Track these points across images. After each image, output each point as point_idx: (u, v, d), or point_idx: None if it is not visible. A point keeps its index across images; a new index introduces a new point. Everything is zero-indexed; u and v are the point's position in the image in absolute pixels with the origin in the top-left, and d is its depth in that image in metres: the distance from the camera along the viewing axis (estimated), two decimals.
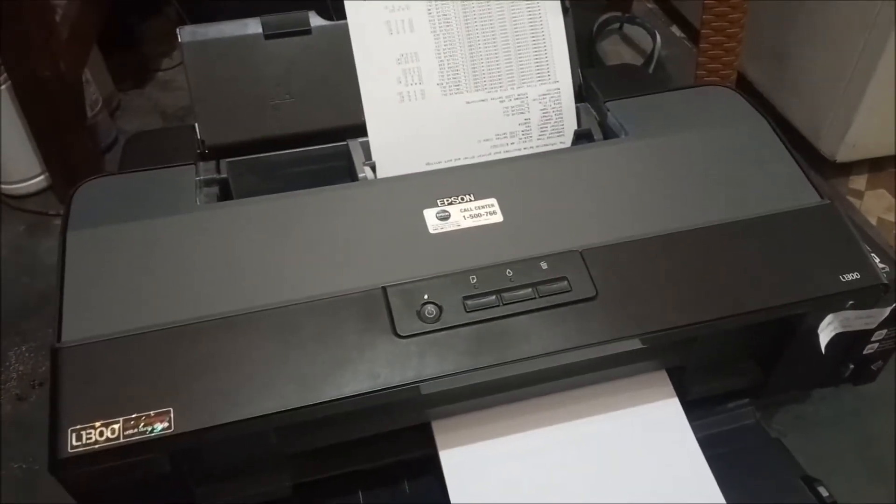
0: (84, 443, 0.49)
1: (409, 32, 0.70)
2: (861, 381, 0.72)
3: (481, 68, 0.72)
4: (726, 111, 0.73)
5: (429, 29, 0.70)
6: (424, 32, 0.70)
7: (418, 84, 0.70)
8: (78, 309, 0.55)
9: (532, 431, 0.63)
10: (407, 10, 0.70)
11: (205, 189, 0.66)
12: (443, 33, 0.70)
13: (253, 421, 0.51)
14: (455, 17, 0.71)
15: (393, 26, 0.70)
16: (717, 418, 0.69)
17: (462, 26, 0.71)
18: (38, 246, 1.02)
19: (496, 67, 0.72)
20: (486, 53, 0.72)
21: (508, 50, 0.72)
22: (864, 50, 0.99)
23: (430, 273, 0.57)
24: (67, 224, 0.60)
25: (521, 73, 0.73)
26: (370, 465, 0.62)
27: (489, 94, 0.72)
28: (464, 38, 0.71)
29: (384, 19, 0.70)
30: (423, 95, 0.71)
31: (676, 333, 0.57)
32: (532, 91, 0.73)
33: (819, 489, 0.62)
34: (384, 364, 0.53)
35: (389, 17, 0.69)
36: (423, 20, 0.70)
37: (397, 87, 0.70)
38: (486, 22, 0.72)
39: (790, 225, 0.63)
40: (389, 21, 0.70)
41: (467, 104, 0.71)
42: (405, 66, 0.70)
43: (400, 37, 0.70)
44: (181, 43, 0.69)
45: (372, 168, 0.70)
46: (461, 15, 0.71)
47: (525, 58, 0.73)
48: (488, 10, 0.71)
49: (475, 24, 0.72)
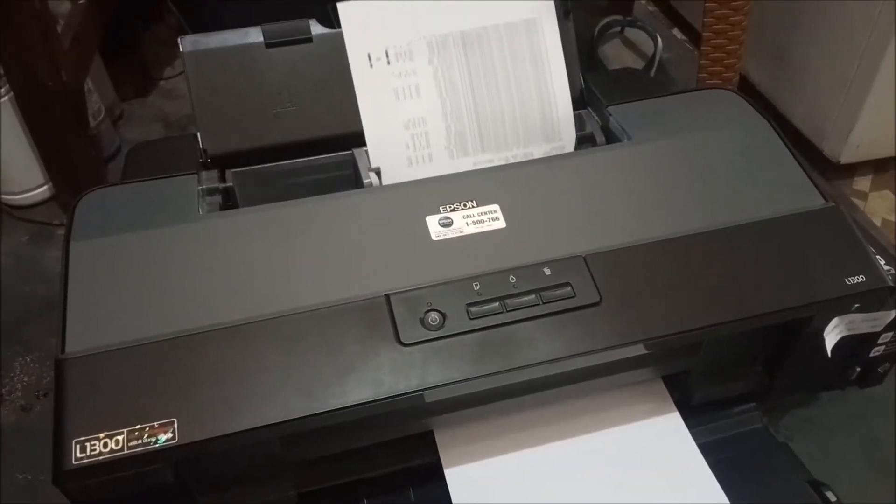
0: (88, 454, 0.49)
1: (416, 98, 0.70)
2: (868, 383, 0.72)
3: (488, 131, 0.72)
4: (728, 114, 0.73)
5: (435, 94, 0.71)
6: (431, 97, 0.71)
7: (426, 148, 0.71)
8: (81, 320, 0.55)
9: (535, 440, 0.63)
10: (414, 75, 0.70)
11: (207, 198, 0.66)
12: (449, 98, 0.71)
13: (257, 431, 0.50)
14: (461, 81, 0.71)
15: (400, 93, 0.70)
16: (722, 423, 0.68)
17: (468, 90, 0.72)
18: (41, 256, 1.02)
19: (502, 129, 0.72)
20: (493, 116, 0.72)
21: (514, 112, 0.73)
22: (866, 50, 0.99)
23: (433, 280, 0.57)
24: (70, 235, 0.60)
25: (527, 134, 0.73)
26: (373, 473, 0.62)
27: (496, 154, 0.73)
28: (470, 101, 0.71)
29: (392, 86, 0.70)
30: (431, 159, 0.71)
31: (682, 338, 0.57)
32: (538, 149, 0.74)
33: (826, 493, 0.61)
34: (388, 372, 0.53)
35: (397, 84, 0.70)
36: (429, 85, 0.71)
37: (406, 153, 0.71)
38: (491, 85, 0.72)
39: (794, 228, 0.62)
40: (397, 88, 0.70)
41: (474, 165, 0.72)
42: (413, 131, 0.71)
43: (407, 102, 0.70)
44: (182, 52, 0.69)
45: (377, 174, 0.70)
46: (467, 79, 0.71)
47: (531, 119, 0.73)
48: (494, 73, 0.72)
49: (481, 87, 0.72)
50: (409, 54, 0.70)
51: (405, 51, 0.70)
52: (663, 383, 0.67)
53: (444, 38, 0.71)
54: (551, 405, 0.64)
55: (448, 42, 0.71)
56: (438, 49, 0.70)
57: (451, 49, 0.71)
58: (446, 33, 0.71)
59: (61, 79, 0.93)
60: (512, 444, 0.63)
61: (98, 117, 1.12)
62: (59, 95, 0.94)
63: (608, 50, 1.36)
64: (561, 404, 0.65)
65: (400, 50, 0.70)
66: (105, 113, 1.15)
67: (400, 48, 0.70)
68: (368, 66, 0.70)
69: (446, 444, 0.62)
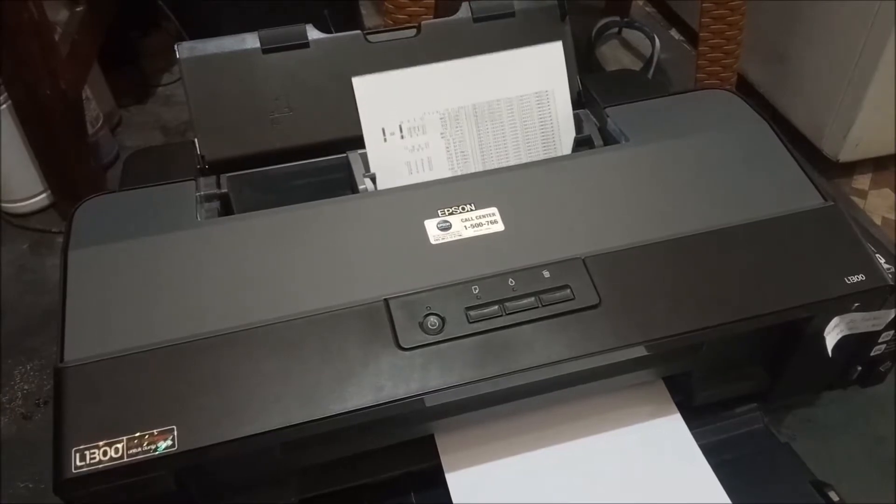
0: (88, 463, 0.49)
1: (429, 170, 0.72)
2: (869, 382, 0.72)
3: None
4: (727, 114, 0.73)
5: (447, 166, 0.72)
6: (443, 170, 0.72)
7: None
8: (80, 328, 0.55)
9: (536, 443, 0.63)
10: (426, 148, 0.71)
11: (205, 204, 0.66)
12: (461, 170, 0.73)
13: (257, 437, 0.50)
14: (472, 152, 0.72)
15: (413, 166, 0.71)
16: (724, 423, 0.68)
17: (479, 161, 0.73)
18: (41, 264, 1.02)
19: None
20: None
21: None
22: (864, 48, 0.99)
23: (431, 284, 0.57)
24: (69, 243, 0.60)
25: None
26: (375, 478, 0.62)
27: None
28: (480, 170, 0.73)
29: (405, 160, 0.71)
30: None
31: (682, 340, 0.57)
32: None
33: (829, 494, 0.61)
34: (388, 377, 0.53)
35: (410, 158, 0.71)
36: (441, 158, 0.72)
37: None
38: (501, 154, 0.73)
39: (794, 228, 0.62)
40: (410, 162, 0.71)
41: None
42: None
43: (419, 175, 0.72)
44: (179, 59, 0.69)
45: (372, 179, 0.70)
46: (478, 151, 0.73)
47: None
48: (504, 144, 0.73)
49: (491, 158, 0.73)
50: (423, 128, 0.71)
51: (418, 125, 0.71)
52: (664, 384, 0.67)
53: (457, 111, 0.72)
54: (552, 408, 0.64)
55: (460, 116, 0.72)
56: (451, 123, 0.71)
57: (464, 122, 0.72)
58: (459, 107, 0.72)
59: (59, 87, 0.93)
60: (513, 446, 0.63)
61: (96, 124, 1.12)
62: (57, 103, 0.94)
63: (606, 51, 1.36)
64: (562, 407, 0.64)
65: (413, 124, 0.71)
66: (103, 120, 1.15)
67: (413, 122, 0.71)
68: (382, 141, 0.71)
69: (447, 448, 0.62)
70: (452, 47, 0.73)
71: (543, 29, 0.75)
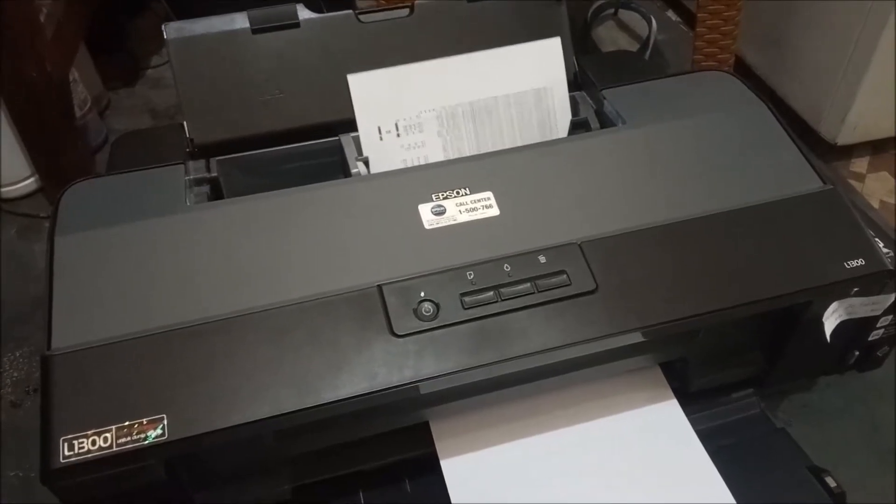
0: (76, 452, 0.48)
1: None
2: (867, 367, 0.72)
3: None
4: (725, 96, 0.72)
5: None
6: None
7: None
8: (68, 315, 0.54)
9: (531, 429, 0.62)
10: (423, 147, 0.70)
11: (195, 188, 0.65)
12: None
13: (248, 426, 0.50)
14: (469, 150, 0.71)
15: (409, 164, 0.70)
16: (721, 409, 0.68)
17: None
18: (30, 249, 1.01)
19: None
20: None
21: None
22: (863, 31, 0.98)
23: (426, 270, 0.56)
24: (55, 228, 0.59)
25: None
26: (369, 465, 0.61)
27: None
28: None
29: (401, 158, 0.70)
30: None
31: (679, 325, 0.56)
32: None
33: (826, 479, 0.61)
34: (381, 364, 0.52)
35: (406, 156, 0.70)
36: (438, 156, 0.71)
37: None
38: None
39: (793, 211, 0.61)
40: (406, 160, 0.70)
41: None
42: None
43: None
44: (167, 39, 0.68)
45: (365, 163, 0.69)
46: (475, 148, 0.71)
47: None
48: (502, 141, 0.72)
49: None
50: (419, 126, 0.70)
51: (415, 123, 0.70)
52: (661, 370, 0.66)
53: (454, 109, 0.70)
54: (548, 394, 0.63)
55: (457, 113, 0.70)
56: (447, 121, 0.70)
57: (461, 120, 0.71)
58: (455, 104, 0.70)
59: (46, 69, 0.92)
60: (508, 433, 0.62)
61: (84, 108, 1.11)
62: (43, 86, 0.92)
63: (602, 32, 1.35)
64: (558, 393, 0.64)
65: (410, 122, 0.70)
66: (91, 103, 1.13)
67: (410, 120, 0.70)
68: (378, 139, 0.69)
69: (442, 435, 0.62)
70: (446, 27, 0.72)
71: (538, 9, 0.74)
